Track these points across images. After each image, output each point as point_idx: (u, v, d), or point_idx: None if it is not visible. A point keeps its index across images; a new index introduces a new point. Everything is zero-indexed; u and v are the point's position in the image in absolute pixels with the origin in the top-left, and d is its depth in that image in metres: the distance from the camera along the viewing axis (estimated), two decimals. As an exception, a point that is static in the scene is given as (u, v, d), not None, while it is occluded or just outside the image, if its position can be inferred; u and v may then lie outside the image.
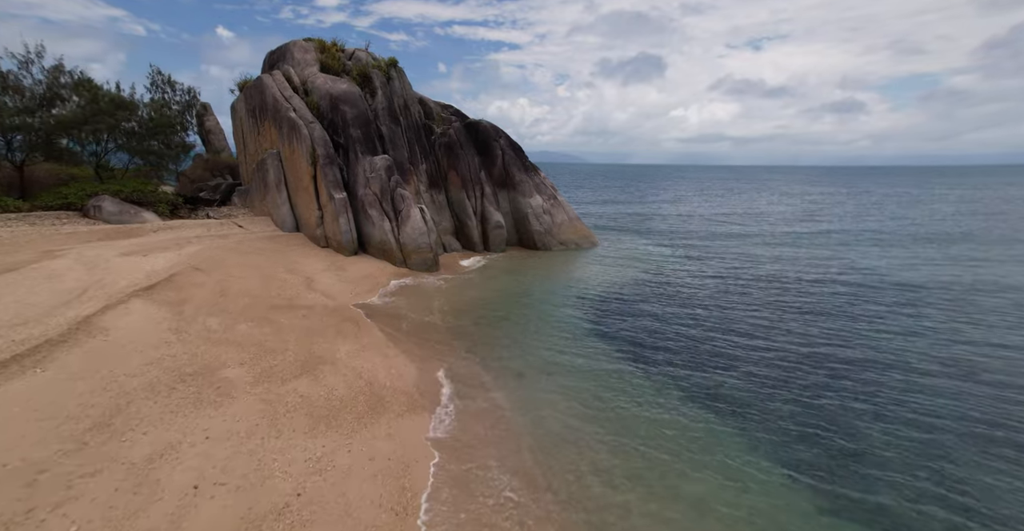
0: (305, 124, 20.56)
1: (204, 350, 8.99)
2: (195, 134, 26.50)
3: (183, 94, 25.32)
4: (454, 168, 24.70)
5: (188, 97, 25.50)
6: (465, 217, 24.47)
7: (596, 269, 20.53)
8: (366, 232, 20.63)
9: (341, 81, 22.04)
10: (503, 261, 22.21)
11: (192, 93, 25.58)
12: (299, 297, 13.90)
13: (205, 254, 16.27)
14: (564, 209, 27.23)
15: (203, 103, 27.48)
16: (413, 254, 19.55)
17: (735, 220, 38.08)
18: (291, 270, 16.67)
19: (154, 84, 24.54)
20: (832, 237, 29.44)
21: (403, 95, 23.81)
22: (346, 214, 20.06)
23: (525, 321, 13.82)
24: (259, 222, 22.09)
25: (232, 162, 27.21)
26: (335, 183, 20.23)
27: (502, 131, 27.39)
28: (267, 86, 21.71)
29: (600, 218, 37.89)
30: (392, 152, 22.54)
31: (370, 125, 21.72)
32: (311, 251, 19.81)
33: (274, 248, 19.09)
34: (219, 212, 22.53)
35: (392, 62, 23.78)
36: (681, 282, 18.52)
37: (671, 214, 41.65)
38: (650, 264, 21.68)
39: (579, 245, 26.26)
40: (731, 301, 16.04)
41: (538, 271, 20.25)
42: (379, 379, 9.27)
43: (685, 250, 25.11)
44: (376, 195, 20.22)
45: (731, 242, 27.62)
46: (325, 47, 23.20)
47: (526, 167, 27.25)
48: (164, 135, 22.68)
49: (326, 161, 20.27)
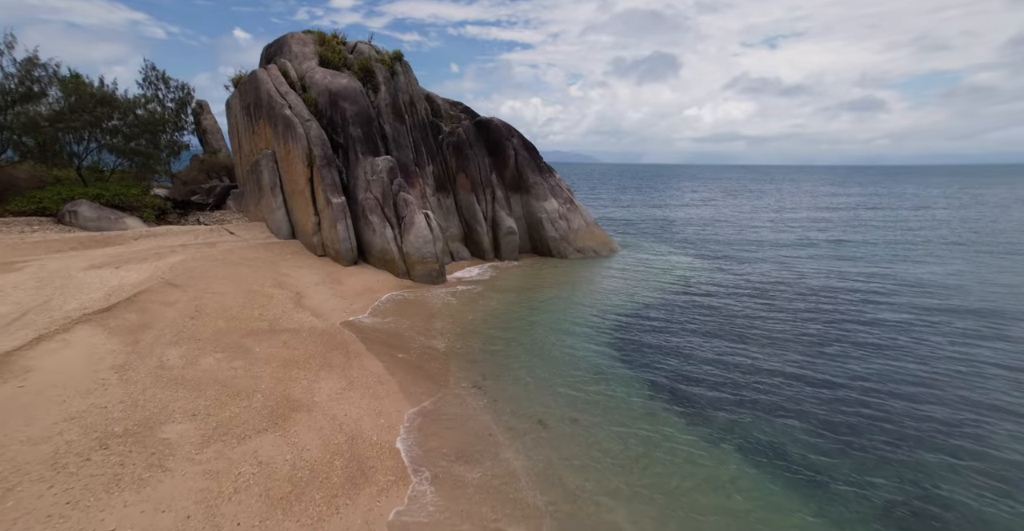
0: (301, 122, 18.94)
1: (150, 396, 7.30)
2: (191, 134, 25.14)
3: (177, 91, 23.87)
4: (463, 170, 22.96)
5: (182, 94, 24.05)
6: (475, 222, 22.70)
7: (617, 283, 18.62)
8: (366, 240, 18.95)
9: (341, 76, 20.41)
10: (515, 271, 20.40)
11: (186, 90, 24.13)
12: (284, 317, 12.21)
13: (186, 265, 14.69)
14: (581, 214, 25.36)
15: (199, 101, 26.06)
16: (417, 264, 17.83)
17: (766, 224, 35.62)
18: (280, 284, 15.01)
19: (147, 80, 23.12)
20: (887, 247, 26.15)
21: (408, 91, 22.13)
22: (344, 220, 18.41)
23: (541, 347, 11.98)
24: (253, 228, 20.52)
25: (230, 163, 25.75)
26: (333, 186, 18.59)
27: (515, 129, 25.59)
28: (261, 81, 20.15)
29: (618, 222, 35.87)
30: (396, 153, 20.85)
31: (372, 123, 20.06)
32: (306, 261, 18.17)
33: (265, 258, 17.48)
34: (211, 217, 21.01)
35: (397, 55, 22.12)
36: (714, 300, 16.54)
37: (694, 218, 39.24)
38: (677, 277, 19.72)
39: (597, 253, 24.36)
40: (776, 326, 14.05)
41: (553, 284, 18.40)
42: (364, 432, 7.51)
43: (714, 260, 23.07)
44: (377, 199, 18.54)
45: (765, 251, 25.36)
46: (325, 39, 21.60)
47: (540, 168, 25.43)
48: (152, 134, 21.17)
49: (323, 162, 18.64)
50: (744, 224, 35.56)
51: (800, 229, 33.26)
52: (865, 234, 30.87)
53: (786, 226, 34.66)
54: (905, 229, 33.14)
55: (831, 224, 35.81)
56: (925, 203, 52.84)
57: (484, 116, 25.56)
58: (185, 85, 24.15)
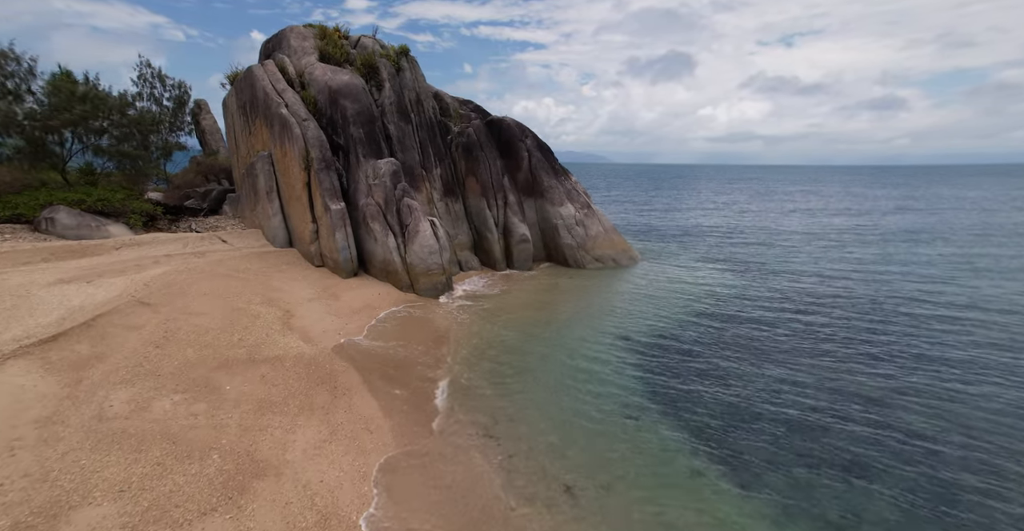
0: (298, 122, 17.52)
1: (70, 463, 5.81)
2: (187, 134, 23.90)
3: (173, 89, 22.65)
4: (473, 173, 21.40)
5: (179, 92, 22.82)
6: (485, 229, 21.14)
7: (641, 299, 16.90)
8: (368, 249, 17.48)
9: (342, 72, 18.97)
10: (529, 283, 18.78)
11: (183, 88, 22.91)
12: (267, 343, 10.72)
13: (167, 279, 13.30)
14: (599, 219, 23.66)
15: (198, 100, 24.85)
16: (422, 276, 16.30)
17: (798, 230, 33.17)
18: (269, 300, 13.57)
19: (142, 78, 21.91)
20: (946, 258, 23.33)
21: (415, 88, 20.64)
22: (344, 228, 16.94)
23: (559, 381, 10.35)
24: (248, 236, 19.15)
25: (229, 165, 24.48)
26: (332, 191, 17.14)
27: (528, 129, 23.99)
28: (257, 78, 18.79)
29: (637, 227, 34.00)
30: (401, 154, 19.37)
31: (374, 123, 18.58)
32: (302, 272, 16.73)
33: (257, 269, 16.07)
34: (205, 224, 19.70)
35: (403, 50, 20.64)
36: (754, 324, 14.77)
37: (718, 223, 36.80)
38: (706, 292, 17.94)
39: (617, 262, 22.65)
40: (830, 358, 12.26)
41: (570, 299, 16.74)
42: (341, 507, 5.96)
43: (746, 272, 21.20)
44: (379, 206, 17.05)
45: (803, 261, 23.20)
46: (326, 33, 20.19)
47: (555, 171, 23.80)
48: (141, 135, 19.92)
49: (321, 165, 17.20)
50: (774, 230, 33.19)
51: (836, 235, 30.90)
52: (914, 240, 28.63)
53: (822, 232, 32.22)
54: (959, 236, 30.35)
55: (870, 229, 33.15)
56: (966, 205, 49.76)
57: (496, 115, 24.00)
58: (183, 83, 22.99)
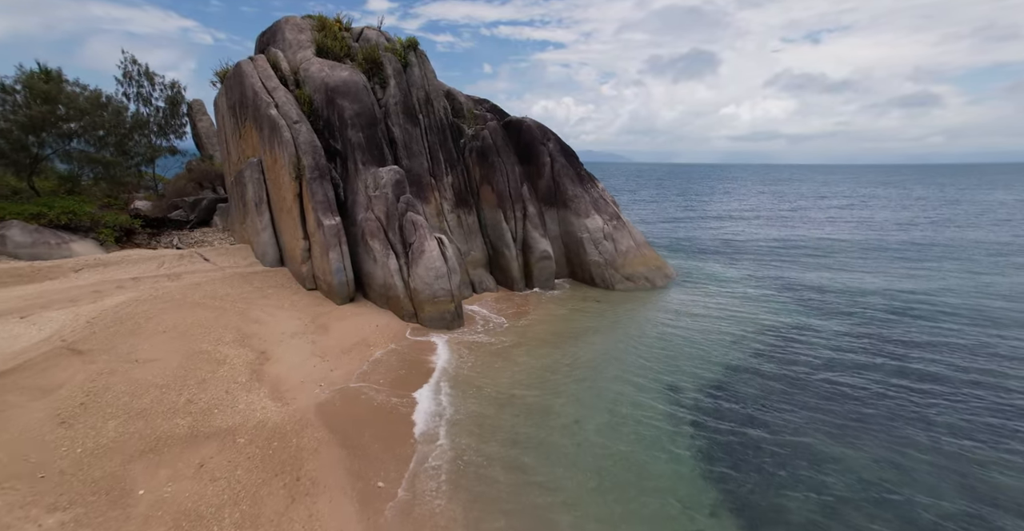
0: (288, 124, 15.37)
1: None
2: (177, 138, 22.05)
3: (165, 89, 20.77)
4: (488, 181, 19.03)
5: (171, 92, 20.93)
6: (502, 245, 18.75)
7: (683, 332, 14.30)
8: (366, 271, 15.24)
9: (341, 68, 16.78)
10: (551, 309, 16.31)
11: (176, 88, 21.01)
12: (224, 404, 8.49)
13: (122, 312, 11.20)
14: (630, 232, 21.09)
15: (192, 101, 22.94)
16: (427, 304, 13.98)
17: (858, 242, 29.47)
18: (244, 337, 11.37)
19: (127, 76, 20.06)
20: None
21: (424, 86, 18.35)
22: (339, 247, 14.73)
23: (592, 462, 7.89)
24: (235, 252, 17.08)
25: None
26: (325, 204, 14.93)
27: (550, 131, 21.56)
28: (246, 75, 16.70)
29: (668, 237, 31.04)
30: (407, 161, 17.10)
31: (376, 126, 16.34)
32: (290, 297, 14.56)
33: (239, 295, 13.94)
34: (190, 238, 17.70)
35: (411, 43, 18.38)
36: (830, 369, 12.09)
37: (760, 233, 33.10)
38: (761, 322, 15.26)
39: (650, 281, 20.04)
40: (948, 433, 9.55)
41: (600, 332, 14.22)
42: None
43: (804, 298, 18.37)
44: (380, 221, 14.79)
45: (876, 283, 20.04)
46: (325, 24, 18.03)
47: (580, 177, 21.31)
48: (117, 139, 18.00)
49: (314, 174, 15.01)
50: (823, 242, 29.49)
51: (900, 248, 27.15)
52: (1001, 254, 25.23)
53: (881, 244, 28.55)
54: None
55: (941, 241, 28.98)
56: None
57: (514, 116, 21.60)
58: (175, 83, 21.08)
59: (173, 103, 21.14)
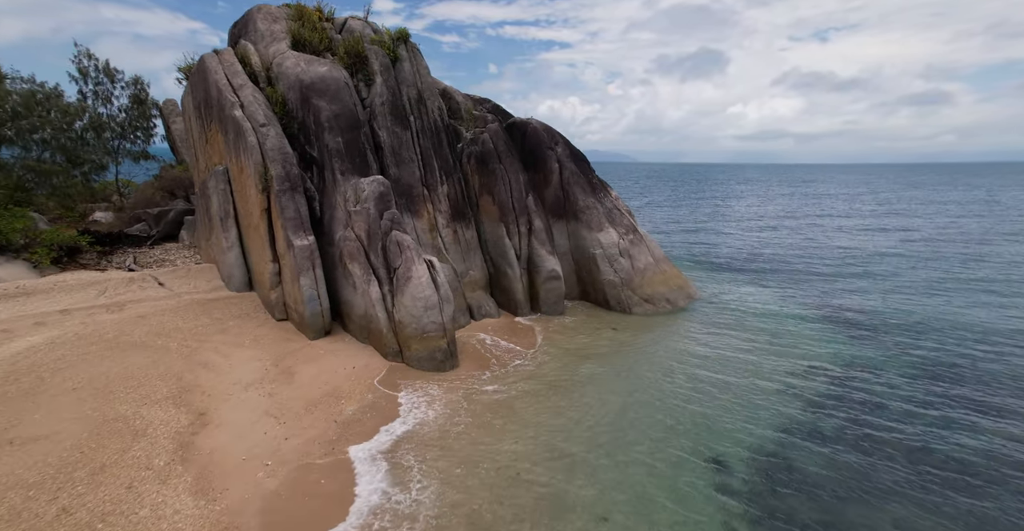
0: (254, 128, 13.20)
1: None
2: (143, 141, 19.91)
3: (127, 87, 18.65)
4: (489, 190, 16.81)
5: (135, 90, 18.79)
6: (504, 263, 16.52)
7: (718, 373, 12.02)
8: (345, 298, 13.06)
9: (319, 62, 14.59)
10: (560, 341, 14.07)
11: (140, 85, 18.89)
12: (116, 512, 6.29)
13: (25, 362, 9.05)
14: (648, 247, 18.80)
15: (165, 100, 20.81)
16: (414, 341, 11.77)
17: (892, 249, 26.94)
18: (182, 390, 9.19)
19: (83, 73, 17.90)
20: None
21: (416, 84, 16.14)
22: (311, 271, 12.55)
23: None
24: (198, 274, 14.92)
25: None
26: (297, 221, 12.75)
27: (559, 134, 19.33)
28: (210, 71, 14.54)
29: (685, 248, 28.46)
30: (395, 169, 14.90)
31: (359, 129, 14.14)
32: (255, 331, 12.38)
33: (192, 329, 11.77)
34: (149, 256, 15.56)
35: (401, 35, 16.16)
36: (904, 422, 9.81)
37: (786, 241, 30.59)
38: (809, 359, 12.97)
39: (671, 302, 17.77)
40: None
41: (619, 375, 11.94)
42: None
43: (853, 321, 16.01)
44: (360, 241, 12.60)
45: (932, 306, 17.44)
46: (302, 13, 15.84)
47: (592, 186, 19.06)
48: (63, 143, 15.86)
49: (284, 186, 12.84)
50: (868, 255, 26.03)
51: (969, 267, 23.18)
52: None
53: (933, 255, 25.43)
54: None
55: (1015, 264, 23.91)
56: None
57: (518, 117, 19.38)
58: (139, 79, 18.95)
59: (138, 102, 19.02)
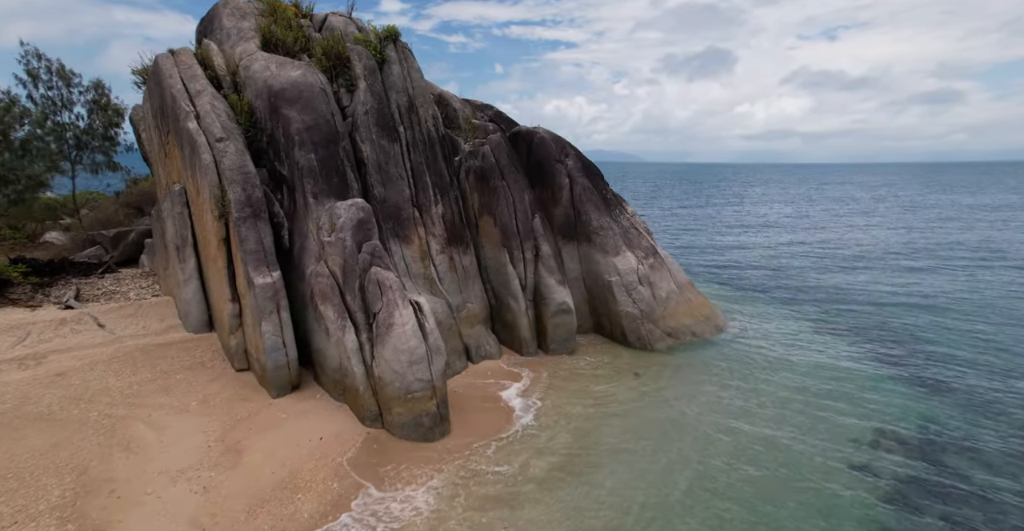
0: (209, 143, 11.13)
1: None
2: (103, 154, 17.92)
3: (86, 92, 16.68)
4: (489, 211, 14.69)
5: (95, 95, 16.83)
6: (507, 294, 14.41)
7: (768, 439, 9.83)
8: (317, 346, 10.98)
9: (291, 65, 12.52)
10: (573, 390, 11.92)
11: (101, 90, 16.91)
12: None
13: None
14: (670, 272, 16.64)
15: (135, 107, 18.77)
16: (397, 403, 9.66)
17: (949, 262, 24.05)
18: (81, 492, 7.11)
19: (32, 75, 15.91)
20: None
21: (407, 89, 14.03)
22: (275, 315, 10.47)
23: None
24: (150, 311, 12.87)
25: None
26: (259, 255, 10.67)
27: (569, 145, 17.22)
28: (164, 75, 12.50)
29: (703, 263, 26.05)
30: (380, 188, 12.81)
31: (336, 144, 12.04)
32: (205, 388, 10.30)
33: (124, 389, 9.70)
34: (97, 288, 13.54)
35: (390, 33, 14.04)
36: None
37: (821, 252, 27.68)
38: (870, 411, 10.77)
39: (697, 335, 15.64)
40: None
41: (648, 445, 9.77)
42: None
43: (925, 365, 13.74)
44: (335, 278, 10.51)
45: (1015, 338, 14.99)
46: (275, 8, 13.76)
47: (607, 202, 16.94)
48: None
49: (245, 213, 10.76)
50: (918, 272, 22.74)
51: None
52: None
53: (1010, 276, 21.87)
54: None
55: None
56: None
57: (523, 125, 17.26)
58: (100, 83, 16.94)
59: (101, 109, 17.05)
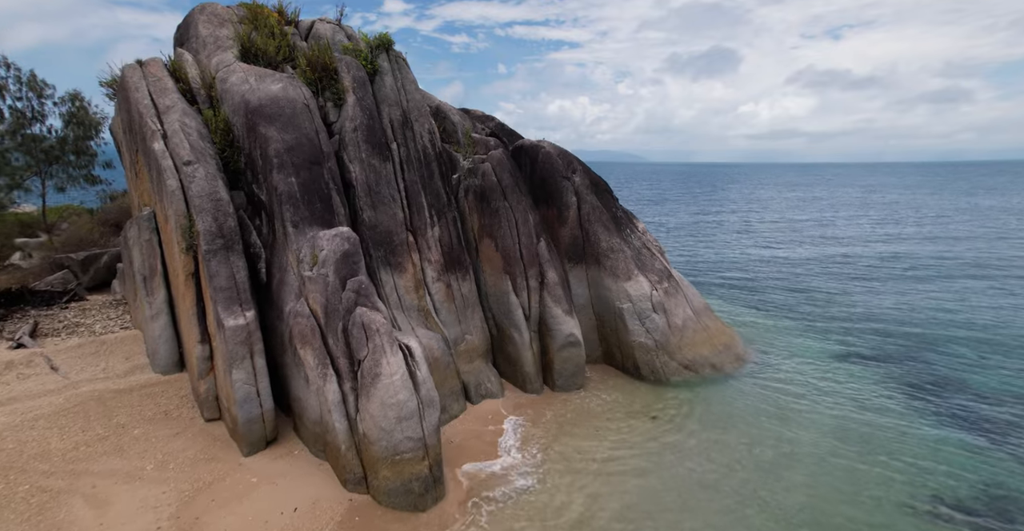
0: (176, 166, 9.97)
1: None
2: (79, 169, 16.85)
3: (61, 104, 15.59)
4: (490, 234, 13.49)
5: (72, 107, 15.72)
6: (509, 325, 13.20)
7: (808, 502, 8.57)
8: (296, 394, 9.80)
9: (272, 78, 11.34)
10: (582, 435, 10.70)
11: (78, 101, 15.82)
12: None
13: None
14: (686, 297, 15.41)
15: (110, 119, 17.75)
16: (384, 465, 8.45)
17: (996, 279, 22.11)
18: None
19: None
20: None
21: (401, 102, 12.86)
22: (248, 361, 9.29)
23: None
24: (115, 349, 11.69)
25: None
26: (231, 293, 9.49)
27: (576, 160, 16.03)
28: (130, 88, 11.33)
29: (716, 278, 24.61)
30: (370, 213, 11.62)
31: (321, 165, 10.86)
32: (166, 445, 9.11)
33: (67, 452, 8.51)
34: (60, 320, 12.37)
35: (383, 41, 12.86)
36: None
37: (847, 268, 25.30)
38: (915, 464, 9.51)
39: (717, 368, 14.39)
40: None
41: (674, 520, 8.54)
42: None
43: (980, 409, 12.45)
44: (316, 319, 9.32)
45: None
46: (256, 15, 12.60)
47: (617, 221, 15.73)
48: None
49: (215, 245, 9.58)
50: (965, 295, 20.64)
51: None
52: None
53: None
54: None
55: None
56: None
57: (527, 139, 16.05)
58: (76, 95, 15.84)
59: (77, 122, 15.95)
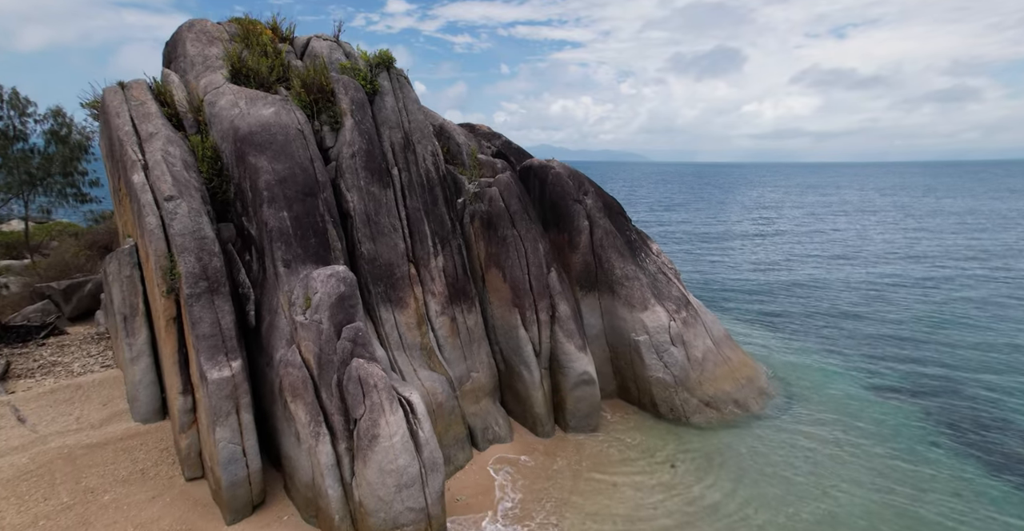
0: (157, 202, 9.12)
1: None
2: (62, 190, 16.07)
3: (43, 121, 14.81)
4: (498, 263, 12.60)
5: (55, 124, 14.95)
6: (518, 361, 12.29)
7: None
8: (287, 452, 8.92)
9: (264, 101, 10.50)
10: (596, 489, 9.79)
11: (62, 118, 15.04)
12: None
13: None
14: (705, 326, 14.50)
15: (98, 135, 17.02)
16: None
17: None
18: None
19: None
20: None
21: (402, 124, 12.00)
22: (234, 417, 8.43)
23: None
24: (92, 393, 10.83)
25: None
26: (215, 342, 8.63)
27: (587, 181, 15.17)
28: (111, 113, 10.52)
29: (734, 297, 23.30)
30: (369, 245, 10.76)
31: (315, 197, 10.01)
32: (140, 511, 8.24)
33: (19, 528, 7.64)
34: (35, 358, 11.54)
35: (383, 59, 12.02)
36: None
37: (873, 282, 23.49)
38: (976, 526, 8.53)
39: (741, 405, 13.46)
40: None
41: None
42: None
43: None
44: (308, 370, 8.46)
45: None
46: (248, 32, 11.76)
47: (631, 246, 14.86)
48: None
49: (198, 289, 8.73)
50: (990, 315, 19.38)
51: None
52: None
53: None
54: None
55: None
56: None
57: (536, 159, 15.17)
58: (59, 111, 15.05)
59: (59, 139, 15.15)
